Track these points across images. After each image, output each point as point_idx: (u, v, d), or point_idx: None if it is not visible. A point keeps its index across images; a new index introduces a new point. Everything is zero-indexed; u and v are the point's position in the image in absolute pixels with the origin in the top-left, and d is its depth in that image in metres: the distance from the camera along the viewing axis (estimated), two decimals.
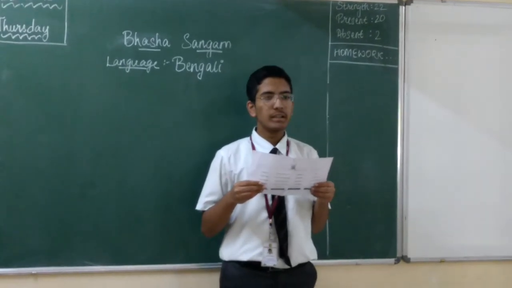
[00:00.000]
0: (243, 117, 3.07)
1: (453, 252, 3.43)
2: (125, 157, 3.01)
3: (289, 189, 2.58)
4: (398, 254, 3.35)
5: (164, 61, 3.04)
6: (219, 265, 2.86)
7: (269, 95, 2.73)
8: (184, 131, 3.06)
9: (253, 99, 2.79)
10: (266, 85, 2.74)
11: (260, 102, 2.74)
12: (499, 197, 3.48)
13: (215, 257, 2.86)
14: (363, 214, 3.27)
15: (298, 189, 2.59)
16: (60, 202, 2.95)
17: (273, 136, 2.79)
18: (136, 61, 3.01)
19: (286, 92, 2.75)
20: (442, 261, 3.42)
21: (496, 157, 3.47)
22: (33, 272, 2.94)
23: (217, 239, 2.85)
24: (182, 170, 3.05)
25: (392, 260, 3.35)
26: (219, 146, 2.97)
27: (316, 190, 2.60)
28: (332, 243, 3.20)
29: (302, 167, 2.53)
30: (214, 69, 3.10)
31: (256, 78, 2.78)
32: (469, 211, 3.43)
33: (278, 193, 2.64)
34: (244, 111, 3.06)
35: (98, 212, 2.98)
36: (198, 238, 3.00)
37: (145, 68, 3.02)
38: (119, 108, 3.00)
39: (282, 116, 2.73)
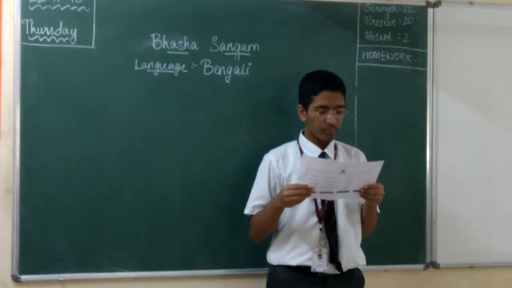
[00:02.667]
0: (271, 121, 3.07)
1: (483, 258, 3.38)
2: (153, 161, 2.97)
3: (338, 192, 2.55)
4: (427, 260, 3.31)
5: (192, 64, 3.00)
6: (255, 271, 2.84)
7: (324, 109, 2.67)
8: (212, 135, 3.03)
9: (305, 106, 2.73)
10: (322, 99, 2.67)
11: (313, 113, 2.69)
12: None
13: (251, 263, 2.87)
14: (392, 219, 3.22)
15: (347, 191, 2.56)
16: (88, 208, 2.91)
17: (321, 140, 2.76)
18: (165, 64, 2.98)
19: (341, 106, 2.70)
20: (471, 267, 3.38)
21: None
22: (60, 279, 2.90)
23: (254, 245, 2.82)
24: (211, 174, 3.01)
25: (421, 266, 3.31)
26: (246, 150, 2.97)
27: (366, 192, 2.57)
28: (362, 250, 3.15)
29: (351, 171, 2.49)
30: (242, 72, 3.06)
31: (313, 88, 2.70)
32: (499, 216, 3.39)
33: (326, 196, 2.60)
34: (273, 114, 3.06)
35: (127, 218, 2.94)
36: (230, 244, 2.99)
37: (173, 71, 2.99)
38: (147, 112, 2.97)
39: (332, 129, 2.70)
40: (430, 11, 3.30)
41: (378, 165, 2.53)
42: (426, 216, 3.30)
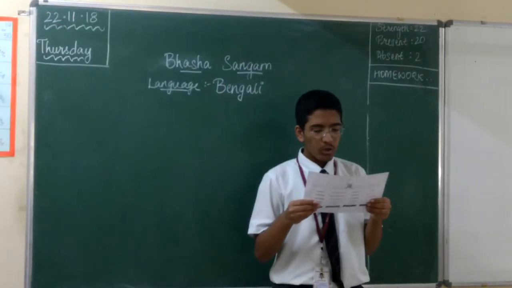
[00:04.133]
0: (283, 139, 3.08)
1: (495, 277, 3.36)
2: (166, 179, 2.99)
3: (344, 206, 2.55)
4: (440, 279, 3.30)
5: (205, 83, 3.03)
6: None
7: (319, 128, 2.68)
8: (225, 153, 3.04)
9: (301, 126, 2.75)
10: (316, 118, 2.68)
11: (309, 133, 2.70)
12: None
13: (257, 281, 2.86)
14: (404, 237, 3.23)
15: (354, 205, 2.56)
16: (100, 225, 2.93)
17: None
18: (178, 83, 3.00)
19: (336, 124, 2.71)
20: (484, 286, 3.36)
21: None
22: None
23: (260, 263, 2.81)
24: (223, 192, 3.03)
25: (433, 285, 3.29)
26: (259, 169, 2.95)
27: (373, 206, 2.57)
28: (372, 267, 3.11)
29: (358, 185, 2.50)
30: (255, 90, 3.08)
31: (307, 107, 2.72)
32: (511, 235, 3.37)
33: (333, 210, 2.60)
34: (285, 133, 3.07)
35: (138, 235, 2.96)
36: (238, 262, 3.00)
37: (186, 90, 3.01)
38: (160, 130, 2.99)
39: (331, 148, 2.70)
40: (441, 30, 3.31)
41: (383, 177, 2.53)
42: (438, 234, 3.29)
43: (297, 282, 2.67)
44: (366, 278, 2.80)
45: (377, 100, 3.22)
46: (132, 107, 2.97)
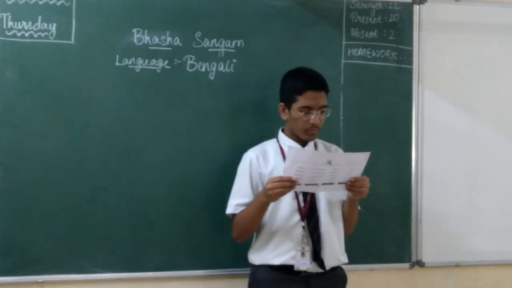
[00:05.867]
0: (257, 119, 3.02)
1: (468, 256, 3.37)
2: (136, 160, 2.90)
3: (323, 184, 2.51)
4: (413, 259, 3.28)
5: (175, 60, 2.94)
6: (236, 271, 2.80)
7: (308, 110, 2.62)
8: (196, 133, 2.96)
9: (287, 104, 2.67)
10: (306, 99, 2.61)
11: (296, 113, 2.63)
12: None
13: (233, 263, 2.82)
14: (378, 218, 3.20)
15: (332, 183, 2.52)
16: (68, 207, 2.83)
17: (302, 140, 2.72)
18: (147, 60, 2.90)
19: (325, 106, 2.65)
20: (457, 265, 3.36)
21: None
22: (39, 280, 2.81)
23: (237, 245, 2.76)
24: (195, 173, 2.95)
25: (407, 265, 3.28)
26: (232, 149, 2.90)
27: (352, 185, 2.53)
28: (346, 248, 3.08)
29: (338, 162, 2.46)
30: (227, 68, 3.00)
31: (296, 87, 2.63)
32: (485, 214, 3.38)
33: (311, 189, 2.55)
34: (258, 112, 3.01)
35: (108, 217, 2.86)
36: (212, 244, 2.94)
37: (155, 68, 2.92)
38: (129, 109, 2.89)
39: (316, 129, 2.65)
40: (416, 8, 3.27)
41: (364, 156, 2.50)
42: (411, 215, 3.27)
43: (277, 262, 2.63)
44: (345, 258, 2.78)
45: (351, 79, 3.17)
46: (99, 85, 2.86)
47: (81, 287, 2.86)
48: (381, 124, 3.22)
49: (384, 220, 3.22)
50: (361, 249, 3.15)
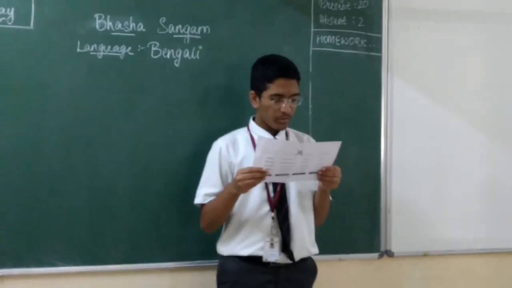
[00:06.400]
0: (223, 107, 2.95)
1: (437, 246, 3.36)
2: (97, 149, 2.80)
3: (294, 174, 2.46)
4: (382, 249, 3.26)
5: (139, 46, 2.84)
6: (205, 263, 2.75)
7: (279, 98, 2.56)
8: (161, 122, 2.88)
9: (258, 92, 2.61)
10: (277, 87, 2.56)
11: (268, 101, 2.57)
12: (483, 190, 3.43)
13: (202, 255, 2.76)
14: (347, 208, 3.16)
15: (303, 173, 2.47)
16: (27, 199, 2.72)
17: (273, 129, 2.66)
18: (109, 47, 2.80)
19: (296, 95, 2.60)
20: (425, 254, 3.35)
21: (481, 148, 3.42)
22: None
23: (205, 236, 2.71)
24: (161, 162, 2.87)
25: (375, 254, 3.26)
26: (198, 137, 2.84)
27: (323, 174, 2.49)
28: (315, 239, 3.06)
29: (308, 152, 2.41)
30: (192, 55, 2.92)
31: (268, 74, 2.57)
32: (453, 203, 3.37)
33: (282, 179, 2.50)
34: (225, 100, 2.94)
35: (69, 209, 2.76)
36: (179, 235, 2.87)
37: (118, 54, 2.82)
38: (90, 97, 2.79)
39: (287, 118, 2.60)
40: None
41: (335, 146, 2.46)
42: (380, 205, 3.25)
43: (245, 252, 2.58)
44: (315, 250, 2.74)
45: (320, 67, 3.12)
46: (59, 72, 2.75)
47: (42, 281, 2.77)
48: (350, 112, 3.18)
49: (353, 210, 3.19)
50: (330, 239, 3.11)
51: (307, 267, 2.71)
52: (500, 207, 3.44)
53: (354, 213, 3.20)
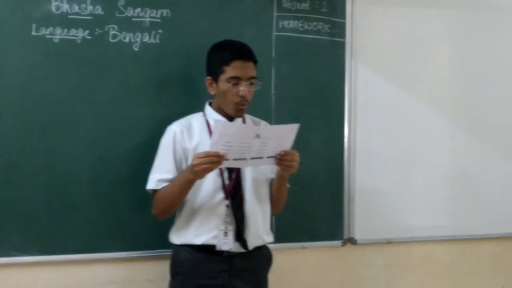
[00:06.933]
0: (183, 92, 2.89)
1: (400, 233, 3.36)
2: (54, 136, 2.72)
3: (251, 158, 2.41)
4: (345, 236, 3.24)
5: (97, 30, 2.75)
6: (161, 252, 2.69)
7: (236, 81, 2.50)
8: (119, 107, 2.80)
9: (215, 77, 2.55)
10: (234, 70, 2.50)
11: (225, 86, 2.52)
12: (447, 178, 3.43)
13: (159, 244, 2.68)
14: (310, 196, 3.14)
15: (261, 158, 2.42)
16: None
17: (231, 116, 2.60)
18: (66, 30, 2.71)
19: (253, 78, 2.54)
20: (388, 242, 3.34)
21: (446, 136, 3.41)
22: None
23: (162, 225, 2.64)
24: (117, 150, 2.79)
25: (339, 242, 3.24)
26: (156, 123, 2.76)
27: (281, 159, 2.44)
28: (278, 227, 3.02)
29: (266, 135, 2.37)
30: (152, 39, 2.84)
31: (224, 58, 2.52)
32: (417, 191, 3.37)
33: (240, 164, 2.45)
34: (185, 86, 2.88)
35: (25, 198, 2.68)
36: (137, 224, 2.81)
37: (75, 38, 2.73)
38: (46, 82, 2.70)
39: (245, 104, 2.54)
40: None
41: (293, 128, 2.42)
42: (344, 192, 3.22)
43: (198, 241, 2.53)
44: (270, 238, 2.70)
45: (283, 52, 3.07)
46: (14, 56, 2.65)
47: None
48: (314, 98, 3.15)
49: (316, 197, 3.17)
50: (293, 227, 3.10)
51: (262, 256, 2.67)
52: (463, 195, 3.44)
53: (317, 201, 3.17)
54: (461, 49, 3.43)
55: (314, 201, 3.16)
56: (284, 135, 2.42)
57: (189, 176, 2.42)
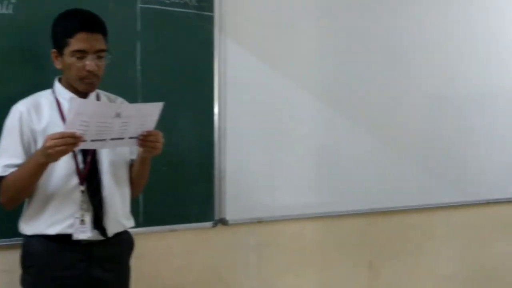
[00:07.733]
0: (39, 68, 2.64)
1: (270, 212, 3.33)
2: None
3: (111, 139, 2.24)
4: (216, 217, 3.16)
5: None
6: (17, 241, 2.46)
7: (81, 54, 2.31)
8: None
9: (60, 50, 2.35)
10: (78, 42, 2.30)
11: (70, 59, 2.32)
12: (314, 156, 3.44)
13: (13, 232, 2.45)
14: (179, 176, 3.03)
15: (123, 139, 2.27)
16: None
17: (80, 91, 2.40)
18: None
19: (102, 51, 2.36)
20: (259, 221, 3.31)
21: (314, 114, 3.41)
22: None
23: (15, 211, 2.42)
24: None
25: (209, 223, 3.15)
26: (9, 104, 2.47)
27: (144, 139, 2.30)
28: (146, 210, 2.90)
29: (128, 114, 2.21)
30: (5, 10, 2.58)
31: (68, 29, 2.32)
32: (287, 169, 3.34)
33: (98, 145, 2.28)
34: (41, 62, 2.63)
35: None
36: None
37: None
38: None
39: (94, 78, 2.36)
40: None
41: (157, 107, 2.28)
42: (214, 172, 3.13)
43: (52, 231, 2.34)
44: (130, 223, 2.57)
45: (149, 26, 2.91)
46: None
47: None
48: (182, 75, 3.02)
49: (185, 178, 3.06)
50: (162, 209, 2.98)
51: (122, 242, 2.53)
52: (329, 173, 3.47)
53: (186, 181, 3.06)
54: (329, 27, 3.41)
55: (183, 182, 3.05)
56: (147, 114, 2.28)
57: (41, 159, 2.21)
